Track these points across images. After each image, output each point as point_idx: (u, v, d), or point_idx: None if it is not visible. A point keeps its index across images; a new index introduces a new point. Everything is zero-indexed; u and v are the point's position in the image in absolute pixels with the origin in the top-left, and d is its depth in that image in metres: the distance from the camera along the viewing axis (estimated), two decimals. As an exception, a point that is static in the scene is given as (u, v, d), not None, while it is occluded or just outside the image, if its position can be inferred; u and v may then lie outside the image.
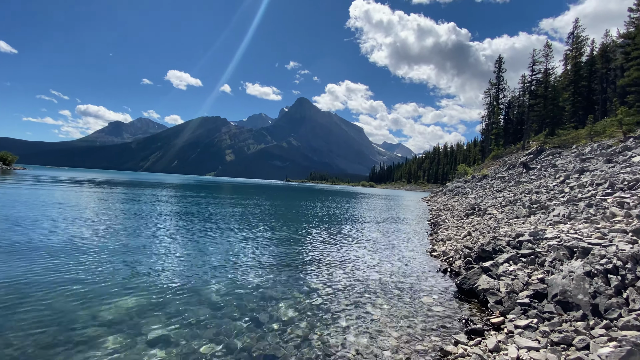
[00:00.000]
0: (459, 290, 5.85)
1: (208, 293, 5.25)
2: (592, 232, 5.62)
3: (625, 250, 4.33)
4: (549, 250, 5.54)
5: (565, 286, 4.26)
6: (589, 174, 11.03)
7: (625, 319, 3.43)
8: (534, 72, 40.74)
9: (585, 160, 14.13)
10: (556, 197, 9.71)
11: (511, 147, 42.81)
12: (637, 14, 30.31)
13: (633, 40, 28.39)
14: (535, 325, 3.90)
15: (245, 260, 7.27)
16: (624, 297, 3.75)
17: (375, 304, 5.20)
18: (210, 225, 11.60)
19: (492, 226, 9.40)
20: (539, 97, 39.57)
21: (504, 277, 5.35)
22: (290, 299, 5.20)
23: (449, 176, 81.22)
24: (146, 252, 7.40)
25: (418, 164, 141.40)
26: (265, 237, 10.28)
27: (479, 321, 4.53)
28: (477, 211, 13.20)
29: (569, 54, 39.52)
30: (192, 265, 6.60)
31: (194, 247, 8.19)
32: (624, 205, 6.74)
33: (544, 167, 17.74)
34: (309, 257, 8.05)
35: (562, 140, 25.67)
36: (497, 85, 49.46)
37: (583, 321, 3.72)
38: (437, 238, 10.72)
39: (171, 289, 5.30)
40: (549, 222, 7.68)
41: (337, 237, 11.10)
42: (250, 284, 5.77)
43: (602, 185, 8.72)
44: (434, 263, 8.05)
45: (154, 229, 10.22)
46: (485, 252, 6.57)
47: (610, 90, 34.54)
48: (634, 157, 11.00)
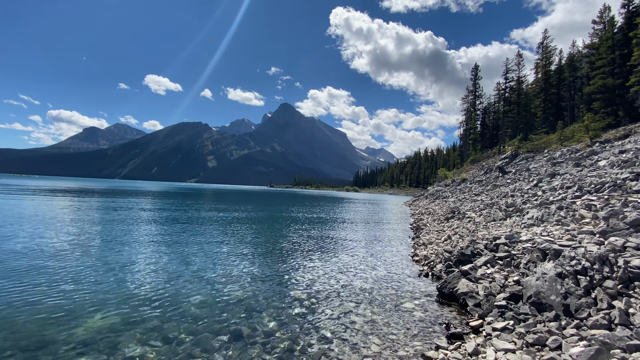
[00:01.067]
0: (439, 294, 5.96)
1: (187, 306, 5.11)
2: (563, 234, 5.88)
3: (593, 252, 4.55)
4: (523, 253, 5.74)
5: (538, 287, 4.42)
6: (559, 177, 11.57)
7: (594, 318, 3.59)
8: (507, 80, 42.62)
9: (556, 164, 14.81)
10: (530, 200, 10.11)
11: (488, 152, 44.35)
12: (600, 26, 32.32)
13: (597, 51, 30.22)
14: (512, 327, 4.02)
15: (226, 271, 7.13)
16: (593, 297, 3.93)
17: (358, 311, 5.21)
18: (190, 235, 11.32)
19: (471, 229, 9.66)
20: (512, 103, 41.34)
21: (482, 280, 5.50)
22: (272, 310, 5.14)
23: (430, 180, 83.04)
24: (121, 265, 7.13)
25: (400, 168, 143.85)
26: (246, 246, 10.13)
27: (459, 325, 4.63)
28: (456, 215, 13.53)
29: (539, 63, 41.61)
30: (170, 278, 6.40)
31: (172, 259, 7.96)
32: (591, 207, 7.09)
33: (518, 171, 18.46)
34: (291, 265, 7.99)
35: (535, 144, 26.85)
36: (473, 92, 51.31)
37: (556, 321, 3.87)
38: (419, 242, 10.90)
39: (148, 303, 5.12)
40: (524, 224, 7.98)
41: (321, 244, 11.08)
42: (231, 295, 5.66)
43: (572, 189, 9.17)
44: (416, 267, 8.17)
45: (129, 240, 9.86)
46: (464, 256, 6.74)
47: (577, 97, 36.51)
48: (600, 161, 11.64)
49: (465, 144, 55.21)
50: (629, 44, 26.34)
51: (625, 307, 3.57)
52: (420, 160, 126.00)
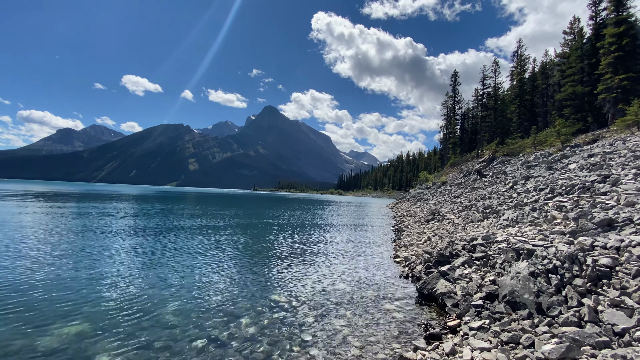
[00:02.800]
0: (419, 295, 6.02)
1: (163, 313, 4.92)
2: (536, 235, 6.09)
3: (563, 251, 4.72)
4: (499, 253, 5.89)
5: (513, 287, 4.53)
6: (533, 180, 12.02)
7: (565, 315, 3.71)
8: (484, 86, 44.17)
9: (530, 168, 15.40)
10: (506, 202, 10.44)
11: (467, 155, 45.65)
12: (570, 36, 34.05)
13: (567, 60, 31.81)
14: (488, 326, 4.09)
15: (205, 276, 6.95)
16: (563, 295, 4.06)
17: (339, 314, 5.18)
18: (167, 240, 10.99)
19: (450, 231, 9.85)
20: (489, 109, 42.84)
21: (460, 280, 5.60)
22: (253, 315, 5.03)
23: (413, 183, 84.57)
24: (93, 273, 6.82)
25: (383, 171, 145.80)
26: (227, 250, 9.92)
27: (437, 325, 4.67)
28: (436, 216, 13.79)
29: (514, 70, 43.37)
30: (145, 285, 6.17)
31: (148, 265, 7.68)
32: (562, 208, 7.39)
33: (495, 174, 19.08)
34: (273, 269, 7.88)
35: (511, 148, 27.85)
36: (453, 98, 52.83)
37: (529, 319, 3.97)
38: (400, 244, 11.01)
39: (121, 311, 4.90)
40: (500, 225, 8.21)
41: (303, 247, 11.01)
42: (210, 301, 5.51)
43: (544, 191, 9.53)
44: (397, 269, 8.24)
45: (102, 247, 9.46)
46: (443, 257, 6.85)
47: (550, 103, 38.23)
48: (570, 164, 12.18)
49: (446, 148, 56.67)
50: (596, 54, 27.86)
51: (594, 305, 3.71)
52: (402, 164, 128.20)
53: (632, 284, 3.81)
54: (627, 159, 9.88)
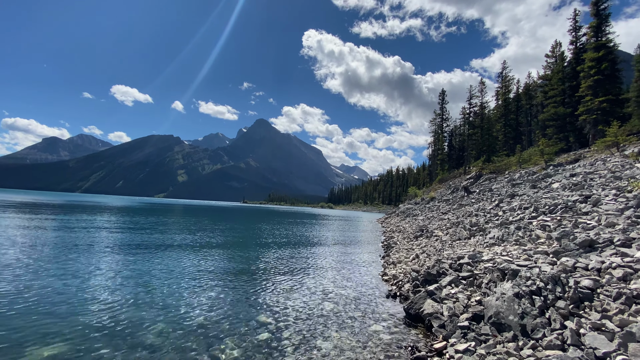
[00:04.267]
0: (407, 315, 5.97)
1: (143, 334, 4.75)
2: (521, 254, 6.16)
3: (547, 272, 4.78)
4: (485, 272, 5.93)
5: (498, 308, 4.55)
6: (518, 198, 12.26)
7: (548, 338, 3.72)
8: (471, 105, 45.54)
9: (515, 186, 15.74)
10: (492, 220, 10.58)
11: (455, 172, 46.44)
12: (552, 60, 35.59)
13: (550, 82, 33.13)
14: (473, 348, 4.07)
15: (189, 295, 6.76)
16: (547, 317, 4.09)
17: (325, 335, 5.08)
18: (151, 256, 10.70)
19: (438, 248, 9.89)
20: (476, 127, 44.01)
21: (446, 300, 5.58)
22: (236, 336, 4.89)
23: (402, 198, 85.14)
24: (71, 290, 6.56)
25: (373, 186, 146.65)
26: (213, 267, 9.71)
27: (423, 347, 4.62)
28: (425, 233, 13.86)
29: (499, 90, 44.93)
30: (125, 304, 5.95)
31: (130, 283, 7.44)
32: (545, 227, 7.53)
33: (482, 191, 19.41)
34: (260, 288, 7.73)
35: (497, 166, 28.47)
36: (441, 116, 54.18)
37: (514, 342, 3.97)
38: (389, 261, 10.98)
39: (100, 332, 4.72)
40: (486, 244, 8.29)
41: (292, 264, 10.86)
42: (193, 321, 5.34)
43: (529, 209, 9.72)
44: (385, 287, 8.18)
45: (82, 262, 9.14)
46: (430, 275, 6.85)
47: (534, 123, 39.51)
48: (554, 183, 12.50)
49: (434, 164, 57.57)
50: (577, 77, 29.12)
51: (577, 327, 3.74)
52: (392, 179, 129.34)
53: (612, 307, 3.87)
54: (607, 179, 10.20)
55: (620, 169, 11.27)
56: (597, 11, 26.01)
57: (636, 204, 6.99)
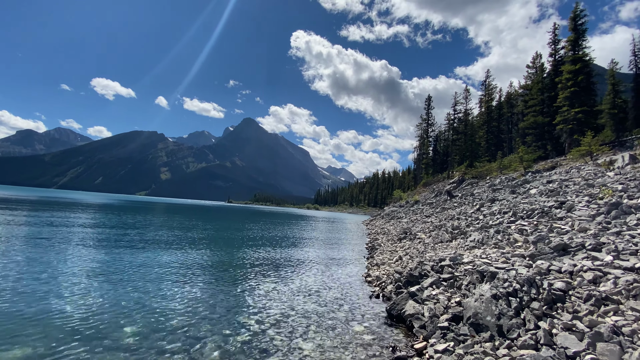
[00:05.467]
0: (389, 315, 6.05)
1: (122, 335, 4.63)
2: (499, 257, 6.36)
3: (523, 274, 4.96)
4: (465, 274, 6.09)
5: (476, 309, 4.68)
6: (498, 203, 12.65)
7: (523, 338, 3.86)
8: (456, 111, 46.74)
9: (496, 191, 16.23)
10: (473, 223, 10.87)
11: (438, 176, 47.43)
12: (533, 70, 36.92)
13: (530, 92, 34.36)
14: (452, 348, 4.17)
15: (169, 295, 6.62)
16: (522, 317, 4.24)
17: (307, 336, 5.09)
18: (129, 256, 10.42)
19: (421, 250, 10.07)
20: (460, 133, 45.17)
21: (428, 301, 5.70)
22: (218, 338, 4.83)
23: (387, 200, 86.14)
24: (44, 291, 6.31)
25: (359, 188, 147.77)
26: (193, 267, 9.55)
27: (404, 347, 4.70)
28: (408, 235, 14.08)
29: (482, 98, 46.31)
30: (102, 305, 5.78)
31: (107, 282, 7.23)
32: (523, 232, 7.80)
33: (464, 195, 19.90)
34: (242, 289, 7.66)
35: (479, 171, 29.27)
36: (426, 121, 55.25)
37: (490, 342, 4.10)
38: (373, 262, 11.09)
39: (74, 334, 4.56)
40: (467, 247, 8.51)
41: (276, 265, 10.81)
42: (173, 323, 5.24)
43: (508, 214, 10.05)
44: (368, 289, 8.26)
45: (55, 261, 8.81)
46: (412, 277, 6.97)
47: (514, 130, 40.87)
48: (532, 189, 12.97)
49: (419, 168, 58.61)
50: (555, 88, 30.35)
51: (549, 328, 3.90)
52: (378, 181, 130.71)
53: (583, 308, 4.05)
54: (581, 186, 10.67)
55: (593, 177, 11.81)
56: (575, 26, 27.21)
57: (607, 210, 7.34)
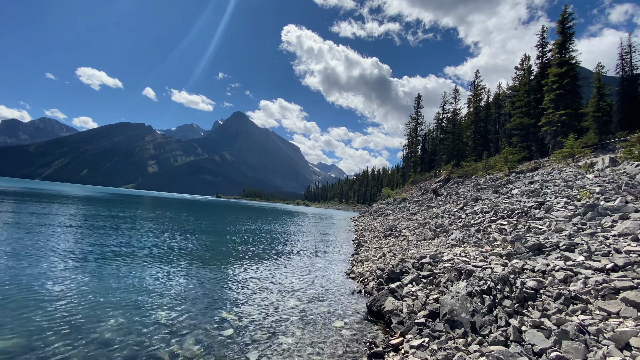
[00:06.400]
0: (369, 311, 6.14)
1: (99, 330, 4.57)
2: (477, 255, 6.51)
3: (498, 273, 5.10)
4: (444, 272, 6.21)
5: (452, 306, 4.79)
6: (481, 202, 12.91)
7: (494, 335, 3.98)
8: (444, 111, 47.20)
9: (480, 190, 16.55)
10: (455, 222, 11.07)
11: (426, 174, 47.99)
12: (520, 72, 37.56)
13: (517, 93, 34.99)
14: (427, 344, 4.27)
15: (150, 290, 6.56)
16: (494, 314, 4.37)
17: (288, 331, 5.13)
18: (110, 249, 10.25)
19: (404, 247, 10.22)
20: (448, 132, 45.76)
21: (407, 297, 5.80)
22: (199, 332, 4.83)
23: (376, 197, 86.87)
24: (21, 283, 6.15)
25: (349, 184, 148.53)
26: (176, 261, 9.46)
27: (381, 343, 4.79)
28: (393, 232, 14.25)
29: (471, 98, 46.94)
30: (81, 300, 5.68)
31: (85, 277, 7.10)
32: (502, 231, 7.99)
33: (449, 194, 20.23)
34: (225, 284, 7.64)
35: (465, 171, 29.76)
36: (416, 120, 55.72)
37: (464, 338, 4.21)
38: (357, 259, 11.20)
39: (52, 327, 4.49)
40: (448, 245, 8.67)
41: (260, 260, 10.80)
42: (154, 317, 5.20)
43: (489, 213, 10.27)
44: (352, 285, 8.35)
45: (34, 253, 8.59)
46: (394, 274, 7.07)
47: (501, 131, 41.64)
48: (514, 189, 13.27)
49: (407, 166, 59.20)
50: (541, 90, 30.98)
51: (519, 325, 4.02)
52: (367, 179, 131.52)
53: (552, 306, 4.19)
54: (561, 187, 10.97)
55: (573, 178, 12.16)
56: (563, 29, 27.75)
57: (583, 211, 7.58)
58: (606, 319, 3.78)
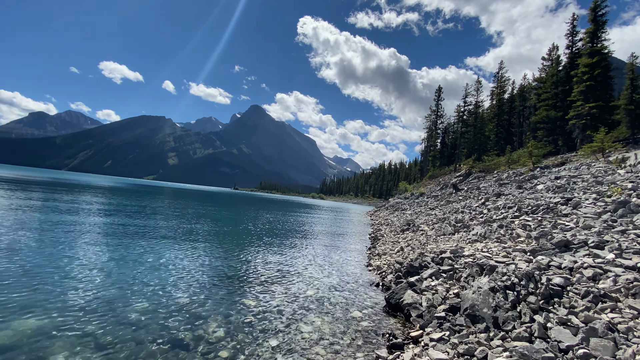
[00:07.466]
0: (387, 304, 6.16)
1: (127, 312, 4.81)
2: (500, 251, 6.39)
3: (522, 269, 4.99)
4: (465, 267, 6.14)
5: (474, 300, 4.74)
6: (503, 197, 12.57)
7: (517, 330, 3.93)
8: (466, 103, 45.81)
9: (502, 185, 16.09)
10: (476, 217, 10.85)
11: (445, 169, 47.03)
12: (548, 63, 35.89)
13: (544, 85, 33.51)
14: (447, 337, 4.26)
15: (175, 277, 6.82)
16: (518, 310, 4.30)
17: (307, 320, 5.23)
18: (138, 237, 10.69)
19: (423, 242, 10.13)
20: (469, 126, 44.46)
21: (426, 291, 5.78)
22: (221, 317, 5.00)
23: (392, 192, 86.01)
24: (56, 267, 6.55)
25: (365, 178, 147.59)
26: (199, 250, 9.77)
27: (400, 335, 4.81)
28: (411, 227, 14.13)
29: (494, 90, 45.32)
30: (110, 283, 5.99)
31: (115, 262, 7.46)
32: (526, 227, 7.78)
33: (470, 189, 19.77)
34: (245, 272, 7.84)
35: (487, 165, 28.96)
36: (436, 112, 54.46)
37: (485, 333, 4.17)
38: (375, 252, 11.20)
39: (84, 308, 4.76)
40: (469, 240, 8.53)
41: (279, 251, 11.00)
42: (178, 301, 5.43)
43: (512, 209, 10.00)
44: (369, 277, 8.38)
45: (67, 240, 9.09)
46: (412, 268, 7.04)
47: (525, 124, 40.12)
48: (539, 185, 12.83)
49: (426, 160, 58.15)
50: (570, 82, 29.52)
51: (545, 322, 3.95)
52: (384, 172, 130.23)
53: (580, 304, 4.08)
54: (589, 183, 10.52)
55: (602, 174, 11.62)
56: (595, 17, 26.25)
57: (613, 208, 7.27)
58: (636, 317, 3.66)
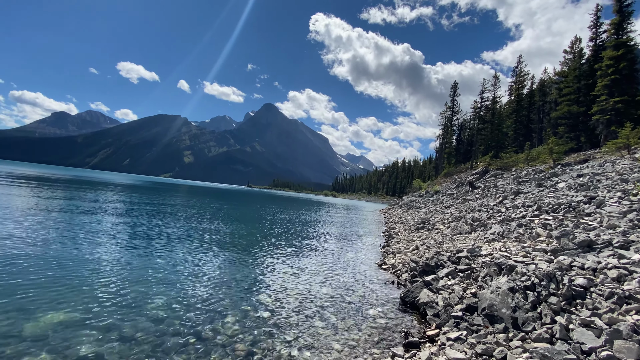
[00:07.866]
0: (402, 302, 6.14)
1: (148, 306, 4.98)
2: (519, 251, 6.25)
3: (543, 269, 4.88)
4: (482, 266, 6.05)
5: (492, 300, 4.68)
6: (522, 196, 12.25)
7: (538, 331, 3.85)
8: (483, 99, 44.69)
9: (521, 183, 15.68)
10: (494, 216, 10.63)
11: (461, 166, 46.12)
12: (570, 56, 34.54)
13: (565, 79, 32.29)
14: (465, 337, 4.23)
15: (193, 273, 7.00)
16: (538, 311, 4.21)
17: (323, 317, 5.28)
18: (158, 235, 11.00)
19: (438, 241, 10.01)
20: (486, 122, 43.36)
21: (442, 291, 5.73)
22: (238, 313, 5.11)
23: (406, 189, 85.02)
24: (80, 262, 6.83)
25: (378, 176, 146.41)
26: (216, 247, 9.97)
27: (416, 333, 4.80)
28: (426, 225, 13.97)
29: (512, 85, 44.02)
30: (132, 278, 6.21)
31: (136, 258, 7.72)
32: (547, 226, 7.58)
33: (487, 187, 19.35)
34: (260, 269, 7.96)
35: (504, 162, 28.24)
36: (451, 108, 53.40)
37: (504, 333, 4.12)
38: (389, 251, 11.15)
39: (107, 302, 4.96)
40: (486, 239, 8.38)
41: (293, 248, 11.09)
42: (196, 297, 5.57)
43: (532, 207, 9.74)
44: (384, 275, 8.36)
45: (91, 236, 9.45)
46: (428, 267, 6.99)
47: (545, 120, 38.86)
48: (560, 183, 12.44)
49: (441, 157, 57.18)
50: (593, 75, 28.32)
51: (566, 323, 3.86)
52: (397, 170, 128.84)
53: (603, 305, 3.97)
54: (614, 181, 10.14)
55: (628, 171, 11.16)
56: (620, 7, 25.08)
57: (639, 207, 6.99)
58: (665, 320, 3.53)
